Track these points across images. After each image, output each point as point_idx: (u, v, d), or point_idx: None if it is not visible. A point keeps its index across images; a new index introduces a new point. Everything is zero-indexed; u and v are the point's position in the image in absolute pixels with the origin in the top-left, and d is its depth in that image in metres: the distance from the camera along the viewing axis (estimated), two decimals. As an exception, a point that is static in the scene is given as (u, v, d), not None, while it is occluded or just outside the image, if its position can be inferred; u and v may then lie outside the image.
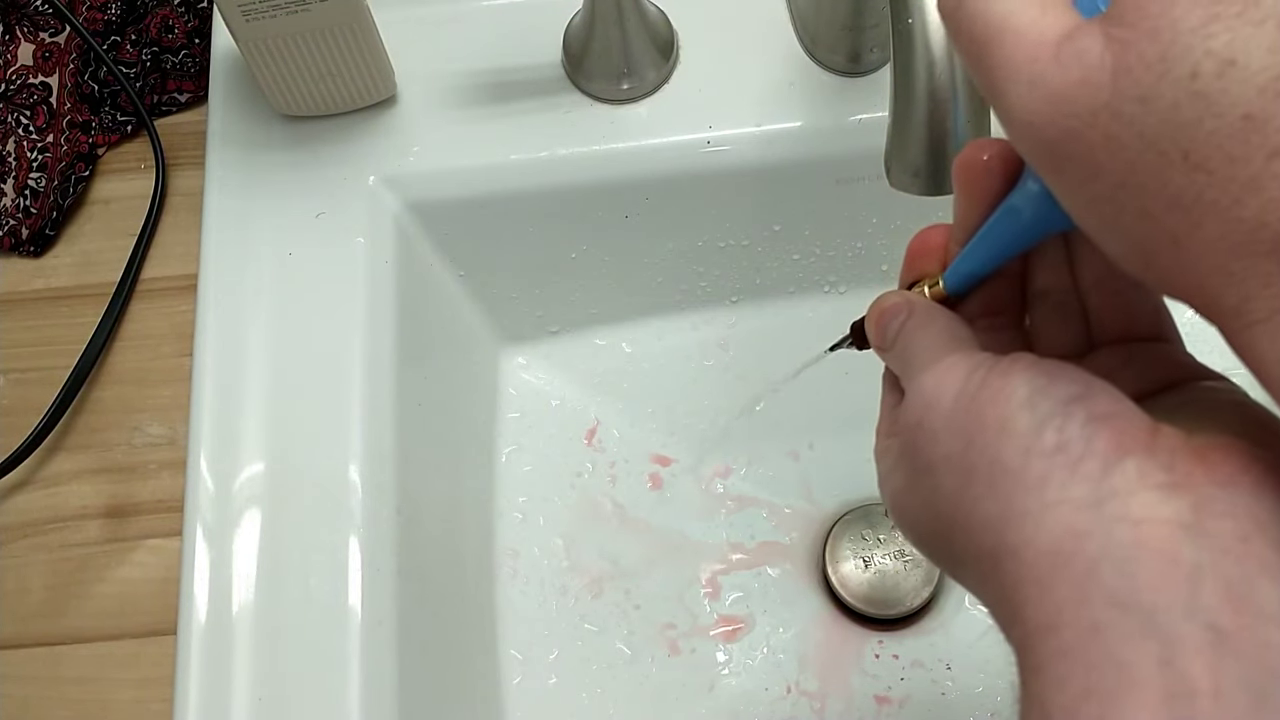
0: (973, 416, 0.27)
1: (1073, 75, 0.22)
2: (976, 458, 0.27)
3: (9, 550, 0.52)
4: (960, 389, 0.28)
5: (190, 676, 0.44)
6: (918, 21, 0.36)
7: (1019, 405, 0.26)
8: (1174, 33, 0.20)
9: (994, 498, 0.26)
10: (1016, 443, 0.26)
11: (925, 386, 0.29)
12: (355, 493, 0.46)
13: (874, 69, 0.51)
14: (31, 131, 0.58)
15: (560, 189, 0.51)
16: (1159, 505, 0.24)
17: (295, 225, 0.50)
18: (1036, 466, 0.25)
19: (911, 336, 0.31)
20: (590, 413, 0.58)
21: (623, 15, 0.48)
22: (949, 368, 0.28)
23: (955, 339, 0.30)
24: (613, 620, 0.55)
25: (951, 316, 0.31)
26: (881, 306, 0.33)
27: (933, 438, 0.28)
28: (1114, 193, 0.22)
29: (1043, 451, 0.25)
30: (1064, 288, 0.32)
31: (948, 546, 0.29)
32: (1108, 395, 0.26)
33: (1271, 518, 0.24)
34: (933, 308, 0.32)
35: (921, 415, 0.29)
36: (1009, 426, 0.26)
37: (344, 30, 0.47)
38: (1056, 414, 0.25)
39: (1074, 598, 0.24)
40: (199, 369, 0.48)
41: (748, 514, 0.57)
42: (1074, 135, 0.22)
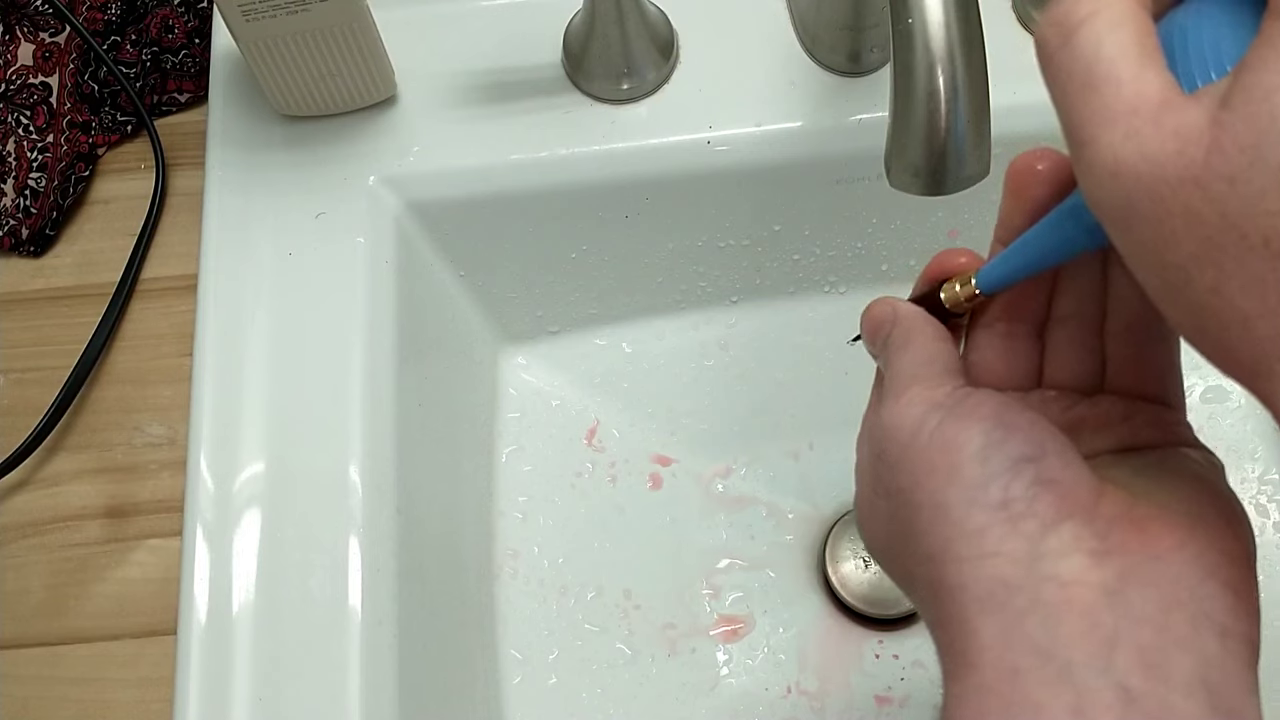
0: (924, 459, 0.28)
1: (1169, 144, 0.22)
2: (924, 498, 0.28)
3: (9, 550, 0.52)
4: (917, 427, 0.29)
5: (190, 676, 0.44)
6: (918, 21, 0.36)
7: (970, 456, 0.27)
8: (1273, 120, 0.21)
9: (935, 536, 0.28)
10: (962, 492, 0.27)
11: (887, 417, 0.30)
12: (355, 493, 0.46)
13: (874, 69, 0.51)
14: (31, 131, 0.58)
15: (560, 189, 0.51)
16: (1088, 570, 0.26)
17: (295, 225, 0.50)
18: (978, 518, 0.27)
19: (890, 354, 0.32)
20: (590, 413, 0.58)
21: (623, 15, 0.48)
22: (909, 402, 0.30)
23: (926, 364, 0.31)
24: (613, 620, 0.55)
25: (934, 334, 0.32)
26: (870, 315, 0.34)
27: (890, 468, 0.30)
28: (1186, 263, 0.22)
29: (986, 504, 0.27)
30: (1089, 320, 0.33)
31: (897, 565, 0.30)
32: (1059, 458, 0.27)
33: (1193, 593, 0.25)
34: (913, 324, 0.32)
35: (883, 445, 0.30)
36: (957, 475, 0.27)
37: (344, 30, 0.47)
38: (1005, 472, 0.27)
39: (999, 642, 0.26)
40: (199, 369, 0.48)
41: (748, 514, 0.57)
42: (1157, 199, 0.22)
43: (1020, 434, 0.28)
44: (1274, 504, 0.55)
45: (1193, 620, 0.25)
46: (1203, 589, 0.26)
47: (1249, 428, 0.56)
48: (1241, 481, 0.56)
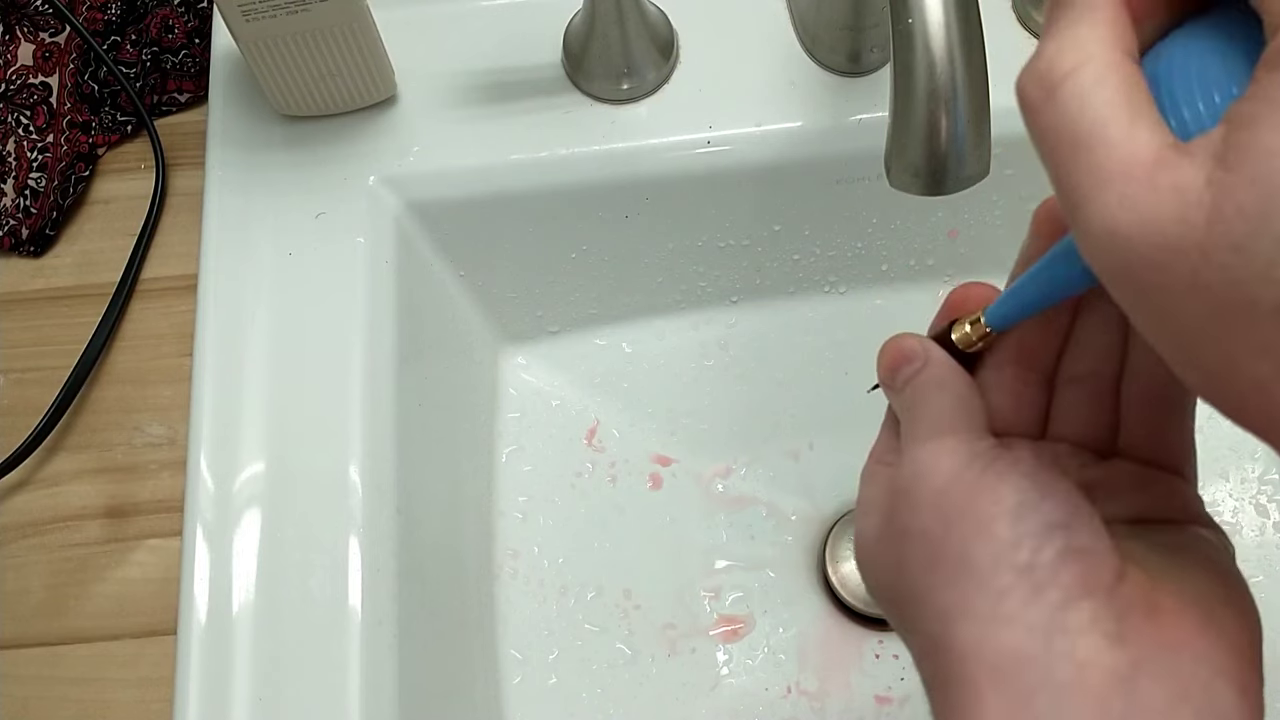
0: (958, 507, 0.28)
1: (1167, 208, 0.21)
2: (950, 547, 0.28)
3: (9, 550, 0.52)
4: (955, 475, 0.28)
5: (190, 676, 0.44)
6: (918, 21, 0.36)
7: (1004, 513, 0.27)
8: (1274, 185, 0.20)
9: (954, 590, 0.27)
10: (991, 548, 0.27)
11: (921, 459, 0.29)
12: (355, 493, 0.46)
13: (874, 69, 0.51)
14: (31, 131, 0.58)
15: (560, 189, 0.51)
16: (1103, 653, 0.25)
17: (295, 225, 0.50)
18: (1003, 578, 0.27)
19: (920, 394, 0.31)
20: (590, 413, 0.58)
21: (623, 15, 0.48)
22: (949, 450, 0.29)
23: (964, 413, 0.30)
24: (613, 620, 0.55)
25: (967, 384, 0.31)
26: (899, 348, 0.32)
27: (915, 509, 0.29)
28: (1195, 330, 0.22)
29: (1013, 565, 0.27)
30: (1106, 380, 0.32)
31: (899, 609, 0.30)
32: (1088, 530, 0.27)
33: (1203, 690, 0.25)
34: (948, 369, 0.32)
35: (910, 484, 0.29)
36: (989, 530, 0.27)
37: (344, 30, 0.47)
38: (1036, 534, 0.27)
39: (1007, 714, 0.25)
40: (199, 369, 0.48)
41: (748, 514, 0.57)
42: (1159, 268, 0.21)
43: (1054, 499, 0.27)
44: (1274, 504, 0.55)
45: (1199, 716, 0.25)
46: (1212, 686, 0.26)
47: (1249, 428, 0.56)
48: (1242, 482, 0.56)
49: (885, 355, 0.33)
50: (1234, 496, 0.55)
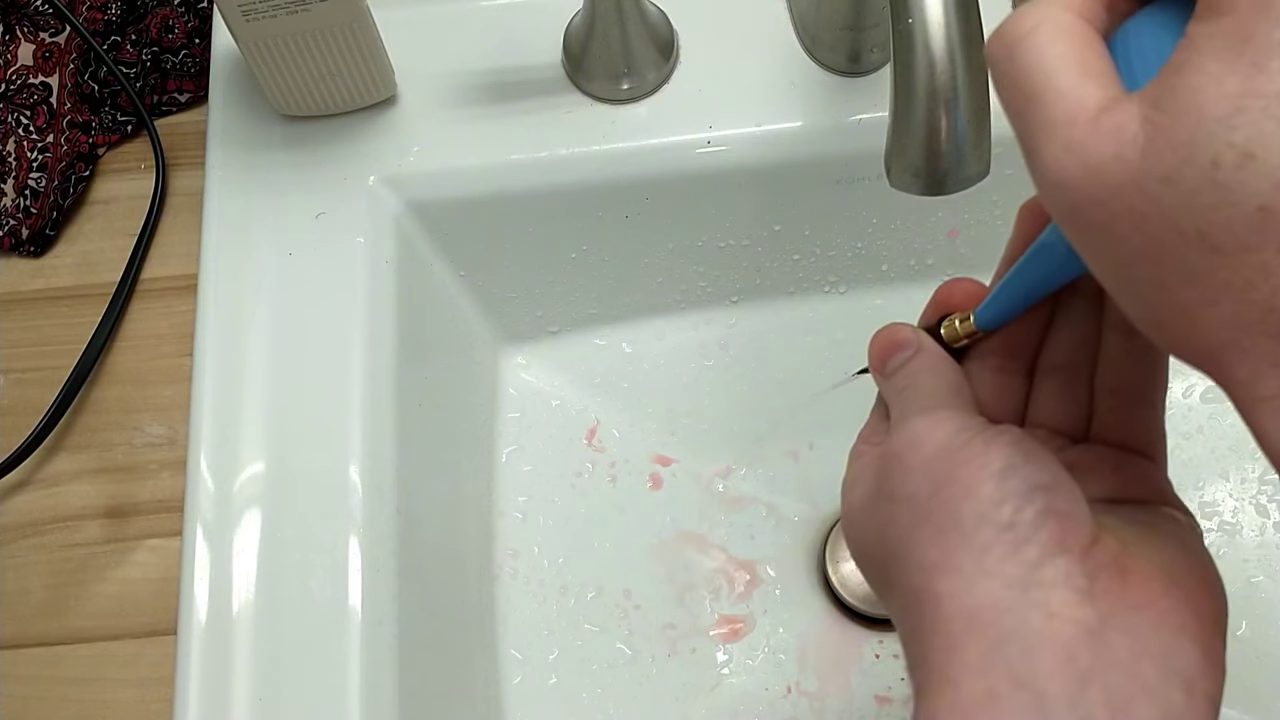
0: (947, 469, 0.29)
1: (1107, 148, 0.23)
2: (937, 506, 0.29)
3: (9, 550, 0.52)
4: (946, 441, 0.30)
5: (190, 676, 0.44)
6: (918, 21, 0.36)
7: (990, 475, 0.29)
8: (1200, 120, 0.21)
9: (938, 546, 0.29)
10: (976, 507, 0.28)
11: (916, 427, 0.31)
12: (355, 493, 0.46)
13: (874, 69, 0.51)
14: (31, 131, 0.58)
15: (560, 189, 0.51)
16: (1074, 606, 0.27)
17: (295, 225, 0.50)
18: (985, 534, 0.28)
19: (915, 377, 0.33)
20: (590, 413, 0.58)
21: (623, 15, 0.48)
22: (942, 420, 0.31)
23: (955, 393, 0.32)
24: (613, 620, 0.55)
25: (956, 371, 0.33)
26: (893, 336, 0.34)
27: (906, 474, 0.30)
28: (1133, 261, 0.23)
29: (996, 523, 0.28)
30: (1079, 371, 0.34)
31: (884, 571, 0.31)
32: (1068, 494, 0.29)
33: (1165, 647, 0.27)
34: (941, 358, 0.33)
35: (902, 450, 0.31)
36: (975, 490, 0.29)
37: (344, 30, 0.47)
38: (1019, 494, 0.28)
39: (978, 663, 0.27)
40: (199, 369, 0.48)
41: (748, 514, 0.57)
42: (1100, 204, 0.23)
43: (1038, 463, 0.29)
44: (1274, 504, 0.55)
45: (1162, 671, 0.26)
46: (1174, 643, 0.27)
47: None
48: (1242, 482, 0.56)
49: (877, 342, 0.35)
50: (1234, 496, 0.55)
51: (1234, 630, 0.53)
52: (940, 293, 0.35)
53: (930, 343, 0.34)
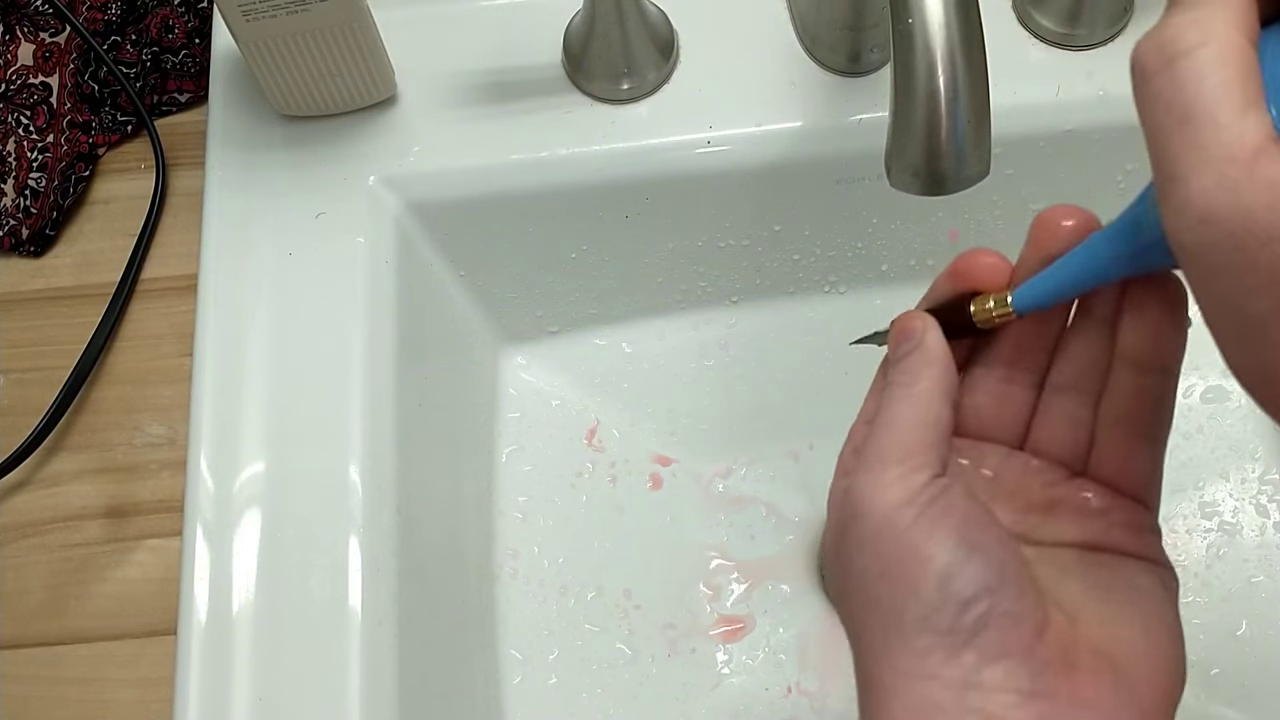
0: (890, 558, 0.30)
1: (1262, 195, 0.22)
2: (884, 594, 0.30)
3: (9, 550, 0.52)
4: (888, 518, 0.30)
5: (190, 676, 0.44)
6: (918, 21, 0.36)
7: (932, 574, 0.29)
8: None
9: (883, 637, 0.30)
10: (918, 609, 0.29)
11: (862, 488, 0.31)
12: (355, 493, 0.46)
13: (874, 69, 0.51)
14: (31, 131, 0.58)
15: (560, 189, 0.51)
16: (1012, 709, 0.28)
17: (295, 225, 0.50)
18: (926, 639, 0.29)
19: (896, 384, 0.32)
20: (590, 413, 0.58)
21: (623, 15, 0.48)
22: (887, 485, 0.30)
23: (921, 428, 0.31)
24: (613, 620, 0.55)
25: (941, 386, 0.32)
26: (905, 324, 0.33)
27: (858, 545, 0.31)
28: (1266, 318, 0.22)
29: (936, 629, 0.28)
30: (1086, 395, 0.33)
31: (846, 624, 0.32)
32: (1013, 591, 0.29)
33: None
34: (931, 362, 0.32)
35: (853, 515, 0.31)
36: (916, 592, 0.29)
37: (344, 30, 0.47)
38: (959, 601, 0.28)
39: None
40: (199, 369, 0.48)
41: (748, 514, 0.57)
42: (1243, 250, 0.22)
43: (982, 556, 0.29)
44: (1274, 504, 0.55)
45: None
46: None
47: (1249, 428, 0.56)
48: (1242, 482, 0.56)
49: (893, 330, 0.34)
50: (1234, 496, 0.55)
51: (1234, 630, 0.53)
52: (960, 265, 0.34)
53: (934, 341, 0.33)
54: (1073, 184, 0.53)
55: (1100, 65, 0.50)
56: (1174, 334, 0.31)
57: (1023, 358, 0.34)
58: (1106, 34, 0.50)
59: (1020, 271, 0.33)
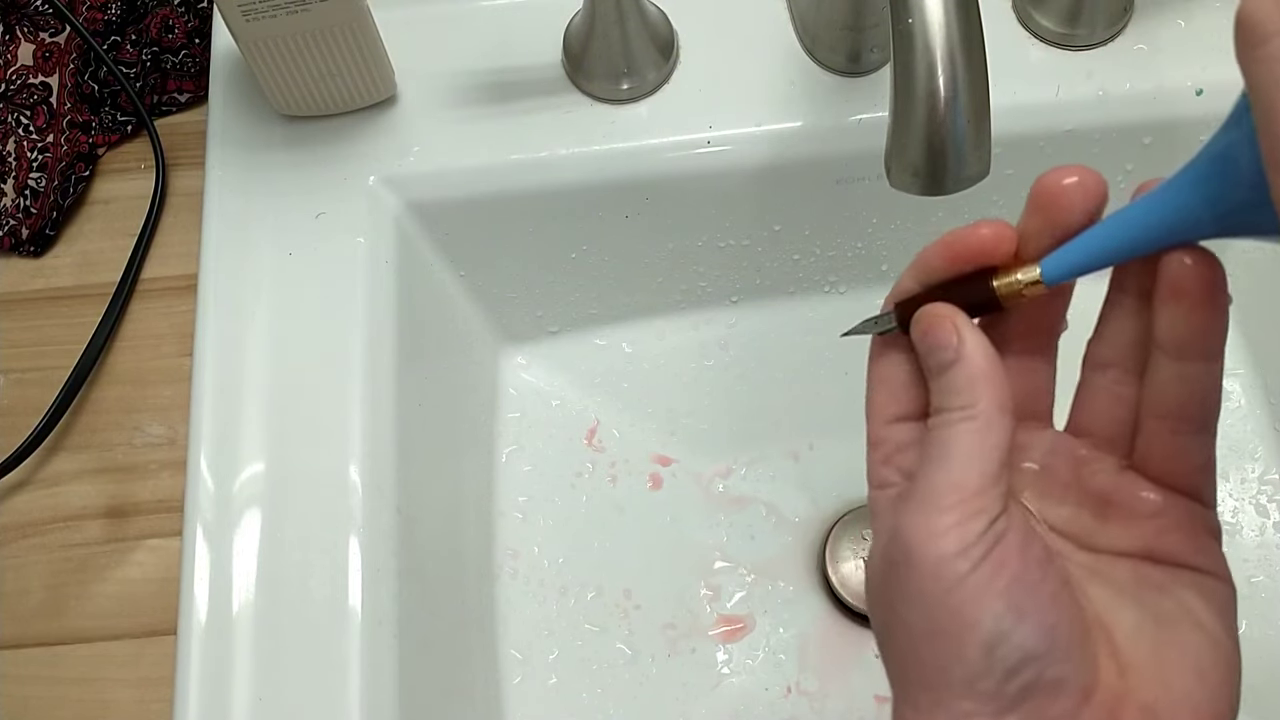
0: (936, 617, 0.28)
1: None
2: (928, 652, 0.29)
3: (9, 550, 0.52)
4: (938, 570, 0.28)
5: (190, 676, 0.44)
6: (918, 21, 0.36)
7: (978, 640, 0.28)
8: None
9: (925, 693, 0.29)
10: (962, 672, 0.28)
11: (913, 537, 0.29)
12: (355, 493, 0.46)
13: (874, 69, 0.51)
14: (31, 131, 0.58)
15: (560, 189, 0.51)
16: None
17: (295, 225, 0.50)
18: (968, 704, 0.28)
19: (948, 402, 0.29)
20: (590, 413, 0.58)
21: (623, 15, 0.48)
22: (941, 532, 0.28)
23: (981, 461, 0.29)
24: (613, 620, 0.55)
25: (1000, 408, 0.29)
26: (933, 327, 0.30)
27: (903, 598, 0.29)
28: None
29: (980, 692, 0.28)
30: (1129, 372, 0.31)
31: (885, 663, 0.31)
32: (1062, 654, 0.28)
33: None
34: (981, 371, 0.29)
35: (898, 564, 0.29)
36: (962, 655, 0.28)
37: (344, 30, 0.47)
38: (1005, 668, 0.28)
39: None
40: (199, 369, 0.48)
41: (748, 514, 0.57)
42: None
43: (1032, 621, 0.28)
44: (1274, 504, 0.55)
45: None
46: None
47: (1249, 428, 0.56)
48: (1242, 482, 0.56)
49: (918, 329, 0.31)
50: (1234, 497, 0.55)
51: (1234, 630, 0.53)
52: (962, 243, 0.30)
53: (972, 343, 0.30)
54: (1073, 184, 0.53)
55: (1100, 65, 0.50)
56: (1215, 319, 0.29)
57: (1036, 330, 0.32)
58: (1106, 34, 0.50)
59: (1024, 242, 0.30)
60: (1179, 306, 0.29)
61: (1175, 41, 0.51)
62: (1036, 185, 0.29)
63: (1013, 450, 0.31)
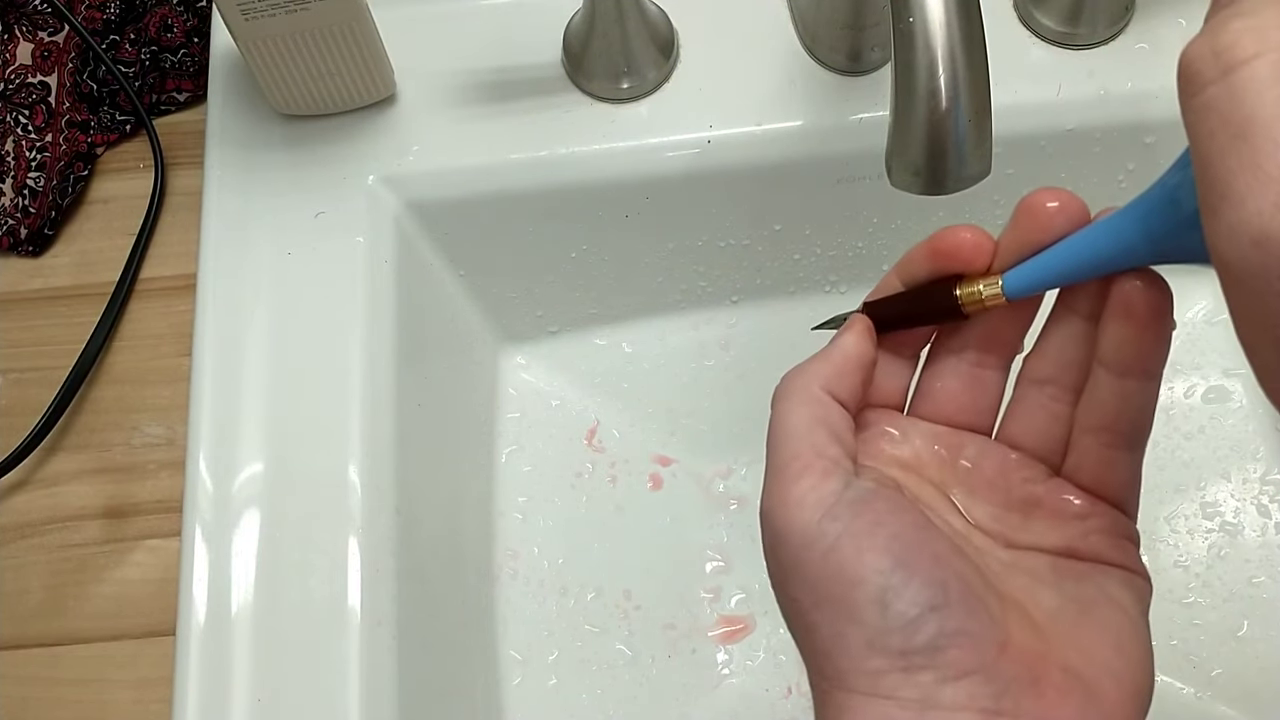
0: (819, 584, 0.28)
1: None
2: (821, 623, 0.28)
3: (8, 550, 0.52)
4: (808, 539, 0.28)
5: (189, 677, 0.43)
6: (919, 20, 0.36)
7: (869, 599, 0.27)
8: None
9: (830, 661, 0.28)
10: (861, 633, 0.27)
11: (774, 509, 0.29)
12: (355, 493, 0.46)
13: (875, 68, 0.51)
14: (30, 131, 0.58)
15: (560, 189, 0.51)
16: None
17: (295, 225, 0.50)
18: (876, 662, 0.27)
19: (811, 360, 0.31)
20: (590, 413, 0.58)
21: (623, 14, 0.48)
22: (798, 502, 0.29)
23: (825, 424, 0.30)
24: (613, 621, 0.55)
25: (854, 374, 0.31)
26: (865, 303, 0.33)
27: (783, 571, 0.29)
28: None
29: (885, 650, 0.27)
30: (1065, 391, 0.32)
31: (799, 649, 0.30)
32: (962, 609, 0.27)
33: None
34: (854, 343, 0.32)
35: (772, 539, 0.29)
36: (856, 616, 0.27)
37: (343, 29, 0.46)
38: (907, 624, 0.27)
39: None
40: (198, 369, 0.48)
41: (748, 514, 0.57)
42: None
43: (922, 574, 0.27)
44: (1275, 504, 0.55)
45: None
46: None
47: (1250, 428, 0.56)
48: (1243, 482, 0.56)
49: None
50: (1235, 497, 0.55)
51: (1235, 631, 0.53)
52: (942, 243, 0.32)
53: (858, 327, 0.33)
54: (1074, 184, 0.52)
55: (1101, 65, 0.50)
56: (1159, 338, 0.30)
57: (995, 343, 0.33)
58: (1108, 33, 0.50)
59: (999, 255, 0.32)
60: (1127, 325, 0.30)
61: (1176, 41, 0.50)
62: (1021, 203, 0.31)
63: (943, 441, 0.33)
